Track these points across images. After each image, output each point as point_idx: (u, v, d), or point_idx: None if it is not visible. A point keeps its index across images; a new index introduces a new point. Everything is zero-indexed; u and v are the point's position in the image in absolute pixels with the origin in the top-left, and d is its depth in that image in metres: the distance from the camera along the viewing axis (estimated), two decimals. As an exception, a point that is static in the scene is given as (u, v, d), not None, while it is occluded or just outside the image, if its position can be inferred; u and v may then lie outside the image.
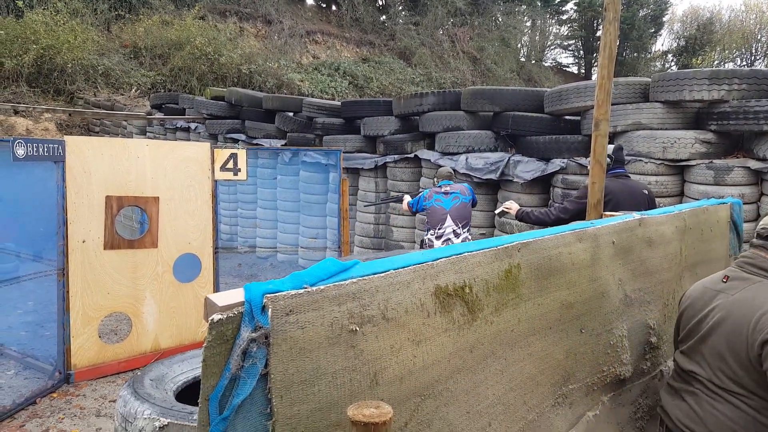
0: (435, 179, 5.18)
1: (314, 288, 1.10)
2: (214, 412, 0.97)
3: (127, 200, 4.64)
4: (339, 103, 8.74)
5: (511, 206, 4.10)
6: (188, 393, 1.59)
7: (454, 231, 4.75)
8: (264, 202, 8.77)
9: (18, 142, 3.80)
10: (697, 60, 28.22)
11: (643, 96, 5.32)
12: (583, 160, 5.38)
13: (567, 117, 6.12)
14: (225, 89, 11.04)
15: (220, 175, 5.23)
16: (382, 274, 1.23)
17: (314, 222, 8.18)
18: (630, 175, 4.07)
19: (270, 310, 1.01)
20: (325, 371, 1.09)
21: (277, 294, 1.03)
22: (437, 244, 4.71)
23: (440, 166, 6.63)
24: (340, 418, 1.10)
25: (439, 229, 4.77)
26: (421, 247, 4.81)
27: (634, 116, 5.21)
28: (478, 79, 21.37)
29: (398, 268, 1.27)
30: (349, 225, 6.67)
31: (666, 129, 5.08)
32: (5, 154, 3.98)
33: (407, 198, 5.27)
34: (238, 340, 0.98)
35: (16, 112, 13.05)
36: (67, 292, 4.32)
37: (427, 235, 4.87)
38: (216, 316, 0.96)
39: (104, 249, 4.50)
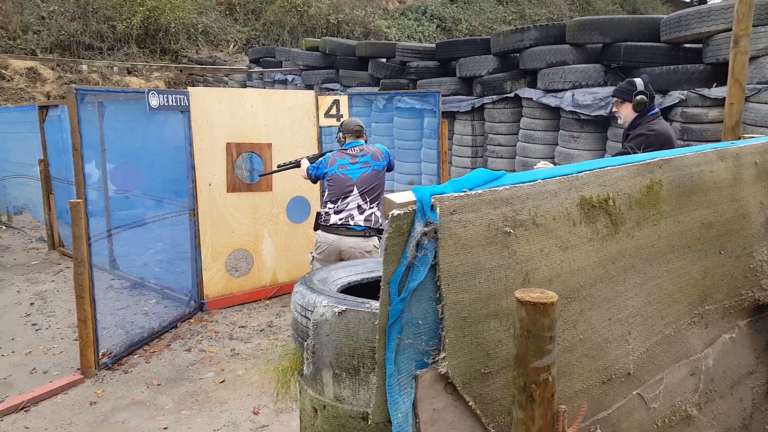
0: (340, 134, 4.10)
1: (473, 192, 1.18)
2: (393, 293, 1.10)
3: (245, 147, 4.96)
4: (433, 46, 8.62)
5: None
6: (347, 293, 1.79)
7: (358, 206, 3.84)
8: (360, 149, 8.96)
9: (152, 93, 4.16)
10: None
11: (779, 16, 4.79)
12: (705, 91, 5.01)
13: (686, 45, 5.67)
14: (319, 40, 11.20)
15: (324, 122, 5.43)
16: (531, 183, 1.29)
17: (409, 168, 8.28)
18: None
19: (438, 208, 1.11)
20: (483, 266, 1.18)
21: (443, 195, 1.13)
22: (334, 219, 3.84)
23: (542, 105, 6.43)
24: (497, 309, 1.20)
25: (341, 201, 3.85)
26: (317, 221, 3.93)
27: None
28: (576, 13, 20.00)
29: (545, 179, 1.32)
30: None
31: (807, 52, 4.58)
32: (142, 105, 4.37)
33: (305, 163, 4.22)
34: (412, 233, 1.09)
35: (129, 72, 14.09)
36: (198, 230, 4.76)
37: (325, 207, 3.96)
38: (395, 211, 1.07)
39: (227, 192, 4.88)
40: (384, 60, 9.18)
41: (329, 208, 3.90)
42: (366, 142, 4.06)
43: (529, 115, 6.70)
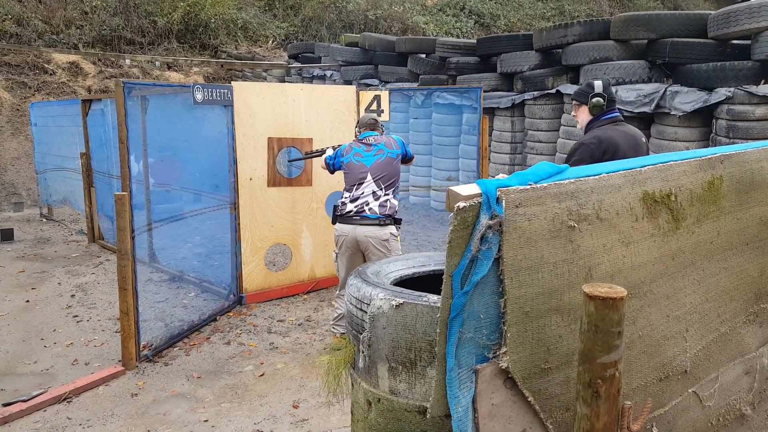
0: (357, 129, 4.22)
1: (538, 185, 1.18)
2: (456, 286, 1.10)
3: (286, 141, 5.02)
4: (474, 41, 8.56)
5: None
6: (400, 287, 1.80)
7: (373, 193, 3.86)
8: (397, 145, 8.96)
9: (197, 87, 4.24)
10: None
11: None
12: (753, 88, 4.85)
13: (734, 42, 5.51)
14: (358, 35, 11.24)
15: (364, 117, 5.44)
16: (596, 177, 1.28)
17: (447, 164, 8.25)
18: (624, 118, 3.11)
19: (503, 201, 1.11)
20: (547, 261, 1.18)
21: (509, 188, 1.13)
22: (350, 207, 3.87)
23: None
24: (559, 304, 1.20)
25: (356, 189, 3.90)
26: (334, 212, 3.97)
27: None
28: (616, 9, 19.53)
29: (609, 173, 1.31)
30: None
31: None
32: (183, 99, 4.47)
33: (329, 152, 4.32)
34: (477, 226, 1.09)
35: (169, 67, 14.40)
36: (238, 224, 4.83)
37: (341, 198, 4.02)
38: (461, 204, 1.07)
39: (268, 186, 4.94)
40: (423, 56, 9.16)
41: (345, 197, 3.95)
42: (381, 134, 4.13)
43: (571, 112, 6.58)
